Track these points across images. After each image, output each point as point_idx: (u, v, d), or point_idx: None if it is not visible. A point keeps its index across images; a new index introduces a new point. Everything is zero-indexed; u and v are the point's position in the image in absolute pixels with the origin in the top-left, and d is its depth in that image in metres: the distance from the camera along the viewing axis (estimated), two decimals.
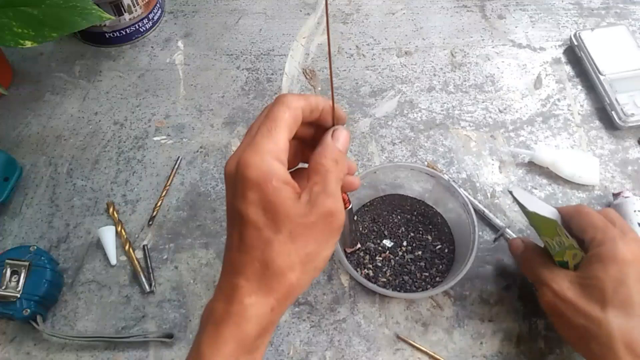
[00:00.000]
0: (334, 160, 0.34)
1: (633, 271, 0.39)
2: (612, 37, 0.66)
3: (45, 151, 0.60)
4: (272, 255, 0.31)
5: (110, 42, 0.69)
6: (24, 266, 0.47)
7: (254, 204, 0.31)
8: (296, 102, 0.34)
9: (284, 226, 0.31)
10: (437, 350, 0.48)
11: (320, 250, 0.33)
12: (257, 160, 0.31)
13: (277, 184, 0.31)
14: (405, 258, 0.51)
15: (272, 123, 0.33)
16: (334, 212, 0.32)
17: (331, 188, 0.33)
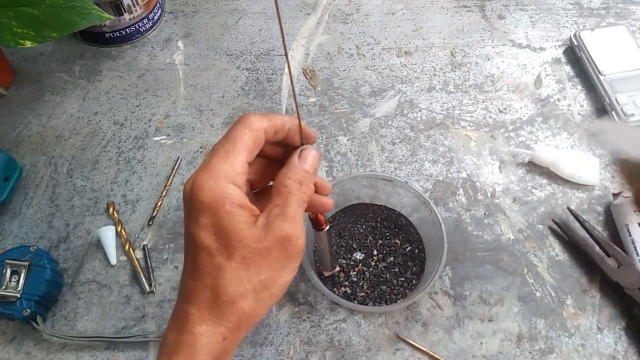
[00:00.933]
0: (297, 181, 0.33)
1: None
2: (612, 37, 0.66)
3: (45, 151, 0.60)
4: (223, 283, 0.30)
5: (110, 42, 0.69)
6: (24, 266, 0.47)
7: (206, 228, 0.30)
8: (258, 123, 0.33)
9: (237, 252, 0.30)
10: (437, 350, 0.48)
11: (276, 277, 0.31)
12: (211, 183, 0.30)
13: (230, 207, 0.30)
14: (378, 267, 0.51)
15: (230, 144, 0.32)
16: (291, 237, 0.31)
17: (290, 211, 0.31)
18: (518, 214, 0.55)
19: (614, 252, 0.50)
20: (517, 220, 0.55)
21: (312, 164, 0.34)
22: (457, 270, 0.52)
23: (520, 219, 0.55)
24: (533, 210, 0.56)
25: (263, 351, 0.48)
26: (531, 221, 0.55)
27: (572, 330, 0.49)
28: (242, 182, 0.32)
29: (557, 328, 0.49)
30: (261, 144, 0.33)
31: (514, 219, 0.55)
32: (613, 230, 0.54)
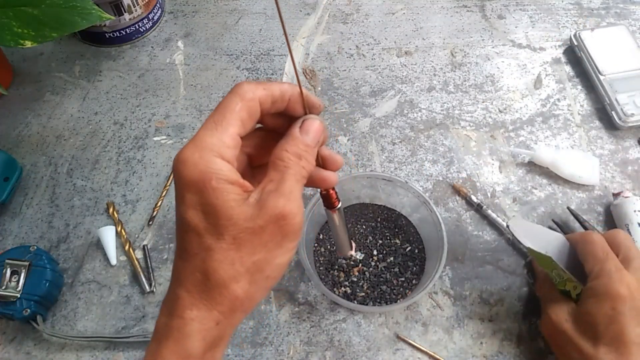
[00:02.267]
0: (296, 155, 0.30)
1: (627, 307, 0.38)
2: (612, 37, 0.66)
3: (45, 151, 0.60)
4: (213, 265, 0.28)
5: (110, 42, 0.69)
6: (24, 266, 0.47)
7: (192, 206, 0.28)
8: (252, 92, 0.29)
9: (227, 231, 0.27)
10: (437, 350, 0.48)
11: (271, 258, 0.29)
12: (196, 157, 0.27)
13: (217, 184, 0.27)
14: (378, 267, 0.51)
15: (220, 115, 0.29)
16: (286, 214, 0.28)
17: (286, 186, 0.29)
18: (518, 214, 0.55)
19: None
20: None
21: (314, 136, 0.31)
22: (457, 270, 0.52)
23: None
24: (533, 210, 0.56)
25: (263, 351, 0.48)
26: (531, 221, 0.55)
27: None
28: (232, 156, 0.29)
29: None
30: (256, 115, 0.30)
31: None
32: None
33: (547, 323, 0.42)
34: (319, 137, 0.31)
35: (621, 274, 0.39)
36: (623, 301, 0.38)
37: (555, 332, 0.41)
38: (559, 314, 0.41)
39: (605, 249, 0.42)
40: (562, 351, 0.41)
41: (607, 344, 0.37)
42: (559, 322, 0.41)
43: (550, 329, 0.42)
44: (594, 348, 0.38)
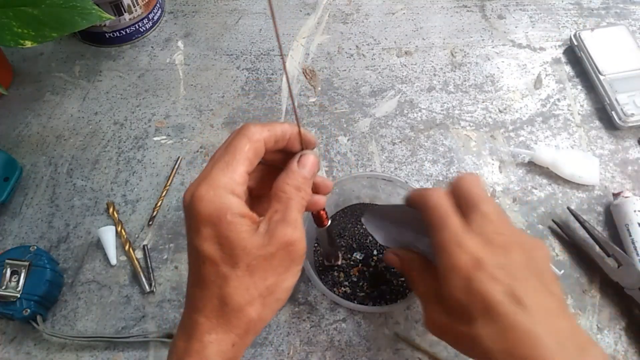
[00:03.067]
0: (296, 187, 0.33)
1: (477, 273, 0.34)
2: (612, 37, 0.66)
3: (45, 151, 0.60)
4: (229, 291, 0.31)
5: (110, 42, 0.69)
6: (24, 266, 0.47)
7: (209, 239, 0.31)
8: (259, 134, 0.33)
9: (241, 260, 0.31)
10: (437, 350, 0.48)
11: (280, 282, 0.32)
12: (211, 195, 0.31)
13: (231, 218, 0.30)
14: (378, 267, 0.51)
15: (230, 156, 0.32)
16: (294, 242, 0.32)
17: (291, 216, 0.32)
18: (518, 214, 0.55)
19: (614, 252, 0.50)
20: (517, 220, 0.55)
21: (310, 169, 0.35)
22: None
23: (520, 219, 0.55)
24: (533, 210, 0.56)
25: (263, 351, 0.48)
26: (531, 221, 0.55)
27: None
28: (242, 192, 0.32)
29: None
30: (261, 154, 0.34)
31: (514, 219, 0.55)
32: (613, 230, 0.54)
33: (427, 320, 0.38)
34: (314, 170, 0.35)
35: (458, 241, 0.35)
36: (469, 267, 0.35)
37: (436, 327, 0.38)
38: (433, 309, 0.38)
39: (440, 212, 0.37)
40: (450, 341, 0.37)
41: (480, 316, 0.34)
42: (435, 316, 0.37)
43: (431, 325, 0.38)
44: (471, 327, 0.34)
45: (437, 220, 0.37)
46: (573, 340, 0.33)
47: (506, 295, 0.34)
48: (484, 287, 0.34)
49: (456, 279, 0.35)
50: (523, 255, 0.36)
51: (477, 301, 0.34)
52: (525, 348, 0.32)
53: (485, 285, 0.34)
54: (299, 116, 0.63)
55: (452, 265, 0.35)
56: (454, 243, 0.36)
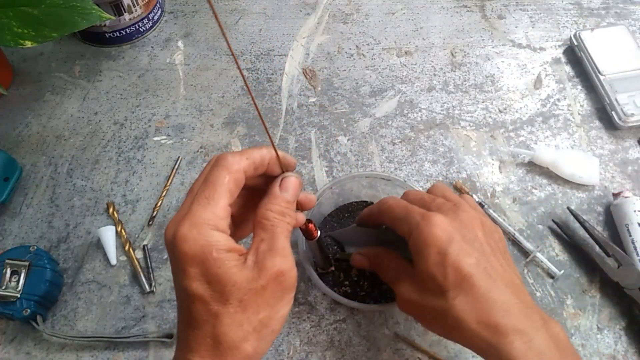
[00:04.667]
0: (280, 213, 0.33)
1: (449, 244, 0.36)
2: (612, 37, 0.66)
3: (45, 151, 0.60)
4: (223, 330, 0.30)
5: (110, 42, 0.69)
6: (24, 266, 0.47)
7: (196, 278, 0.30)
8: (237, 164, 0.32)
9: (232, 296, 0.30)
10: (437, 350, 0.48)
11: (274, 314, 0.31)
12: (195, 234, 0.30)
13: (217, 254, 0.30)
14: None
15: (210, 189, 0.31)
16: (284, 271, 0.31)
17: (279, 245, 0.31)
18: (518, 214, 0.55)
19: (614, 252, 0.50)
20: (517, 221, 0.55)
21: (293, 193, 0.34)
22: None
23: (520, 219, 0.55)
24: (533, 210, 0.56)
25: None
26: (531, 221, 0.55)
27: (572, 330, 0.49)
28: (225, 226, 0.31)
29: None
30: (241, 184, 0.33)
31: (514, 219, 0.55)
32: (613, 230, 0.54)
33: (399, 300, 0.39)
34: (297, 192, 0.35)
35: (427, 218, 0.37)
36: (443, 241, 0.36)
37: (408, 306, 0.39)
38: (403, 287, 0.38)
39: (401, 206, 0.40)
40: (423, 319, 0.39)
41: (452, 288, 0.35)
42: (406, 294, 0.38)
43: (403, 305, 0.39)
44: (442, 300, 0.35)
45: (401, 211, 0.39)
46: (536, 312, 0.35)
47: (478, 267, 0.35)
48: (458, 260, 0.35)
49: (431, 254, 0.36)
50: (485, 233, 0.38)
51: (451, 273, 0.35)
52: (497, 317, 0.34)
53: (459, 257, 0.35)
54: (298, 117, 0.63)
55: (426, 241, 0.36)
56: (423, 220, 0.37)
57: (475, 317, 0.34)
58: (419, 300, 0.37)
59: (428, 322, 0.39)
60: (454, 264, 0.35)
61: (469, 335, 0.35)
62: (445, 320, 0.35)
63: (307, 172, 0.58)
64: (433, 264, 0.36)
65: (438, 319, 0.36)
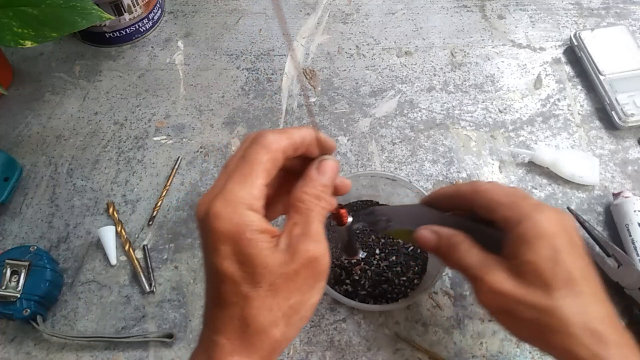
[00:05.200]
0: (315, 196, 0.32)
1: (563, 243, 0.34)
2: (612, 37, 0.66)
3: (45, 151, 0.60)
4: (252, 312, 0.29)
5: (110, 42, 0.69)
6: (24, 266, 0.47)
7: (228, 257, 0.29)
8: (277, 143, 0.31)
9: (264, 279, 0.29)
10: (437, 350, 0.48)
11: (305, 300, 0.30)
12: (229, 212, 0.29)
13: (251, 235, 0.29)
14: (380, 266, 0.51)
15: (247, 167, 0.30)
16: (317, 257, 0.30)
17: (313, 229, 0.30)
18: None
19: (614, 252, 0.50)
20: None
21: (330, 176, 0.33)
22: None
23: None
24: None
25: None
26: None
27: None
28: (260, 206, 0.30)
29: None
30: (279, 164, 0.32)
31: None
32: (613, 230, 0.54)
33: (486, 291, 0.35)
34: (334, 176, 0.33)
35: (542, 210, 0.35)
36: (557, 237, 0.34)
37: (498, 297, 0.35)
38: (496, 276, 0.35)
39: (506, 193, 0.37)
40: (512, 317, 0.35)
41: (559, 287, 0.33)
42: (499, 284, 0.34)
43: (490, 297, 0.35)
44: (547, 297, 0.33)
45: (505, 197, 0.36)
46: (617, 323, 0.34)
47: (586, 271, 0.34)
48: (570, 260, 0.34)
49: (543, 247, 0.34)
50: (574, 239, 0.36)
51: (561, 272, 0.33)
52: (602, 325, 0.32)
53: (571, 258, 0.34)
54: (298, 117, 0.63)
55: (540, 233, 0.34)
56: (540, 212, 0.35)
57: (583, 321, 0.32)
58: (515, 293, 0.34)
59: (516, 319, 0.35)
60: (565, 263, 0.33)
61: (570, 341, 0.32)
62: (545, 319, 0.33)
63: None
64: (544, 258, 0.33)
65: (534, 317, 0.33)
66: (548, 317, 0.33)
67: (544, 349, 0.35)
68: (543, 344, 0.34)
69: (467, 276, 0.37)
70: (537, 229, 0.34)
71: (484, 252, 0.37)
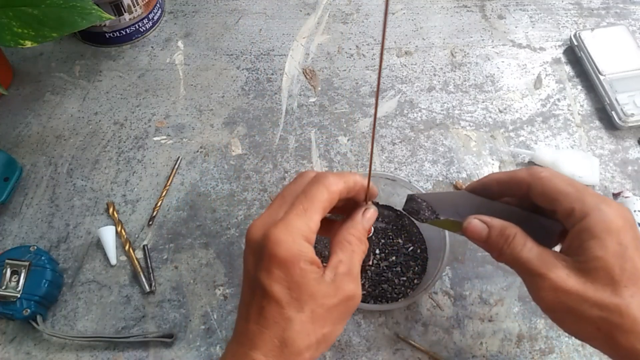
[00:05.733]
0: (359, 238, 0.35)
1: (630, 238, 0.33)
2: (612, 37, 0.66)
3: (45, 151, 0.60)
4: (292, 335, 0.31)
5: (110, 42, 0.69)
6: (24, 266, 0.47)
7: (279, 281, 0.31)
8: (335, 185, 0.34)
9: (307, 306, 0.32)
10: (437, 350, 0.48)
11: (334, 330, 0.34)
12: (289, 240, 0.32)
13: (304, 265, 0.32)
14: (380, 266, 0.51)
15: (309, 203, 0.33)
16: (354, 296, 0.34)
17: (355, 270, 0.34)
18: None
19: None
20: None
21: (369, 221, 0.37)
22: (457, 271, 0.52)
23: None
24: None
25: None
26: None
27: None
28: (314, 239, 0.33)
29: (557, 328, 0.49)
30: (334, 203, 0.35)
31: None
32: None
33: (547, 288, 0.33)
34: (373, 222, 0.38)
35: (610, 203, 0.34)
36: (624, 233, 0.33)
37: (561, 295, 0.33)
38: (558, 272, 0.33)
39: (570, 183, 0.36)
40: (575, 316, 0.33)
41: (628, 284, 0.32)
42: (562, 281, 0.33)
43: (552, 294, 0.33)
44: (615, 295, 0.32)
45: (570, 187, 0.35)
46: None
47: None
48: (634, 253, 0.33)
49: (612, 242, 0.32)
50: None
51: (630, 268, 0.32)
52: None
53: (635, 251, 0.33)
54: (298, 117, 0.63)
55: (609, 227, 0.33)
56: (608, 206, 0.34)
57: None
58: (581, 291, 0.32)
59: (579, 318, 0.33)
60: (634, 260, 0.32)
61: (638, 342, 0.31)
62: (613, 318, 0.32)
63: None
64: (612, 254, 0.32)
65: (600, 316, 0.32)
66: (616, 316, 0.32)
67: (608, 350, 0.34)
68: (608, 344, 0.33)
69: (521, 272, 0.36)
70: (605, 223, 0.33)
71: (540, 247, 0.35)
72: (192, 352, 0.48)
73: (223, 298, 0.50)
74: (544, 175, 0.36)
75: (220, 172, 0.58)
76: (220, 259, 0.53)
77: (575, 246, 0.34)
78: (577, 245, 0.34)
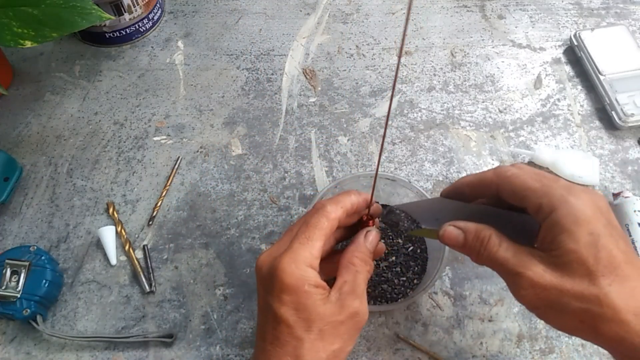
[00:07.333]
0: (363, 260, 0.38)
1: (601, 226, 0.32)
2: (612, 37, 0.66)
3: (45, 151, 0.60)
4: (303, 352, 0.34)
5: (110, 42, 0.69)
6: (24, 266, 0.47)
7: (287, 305, 0.35)
8: (334, 212, 0.38)
9: (315, 325, 0.34)
10: (437, 350, 0.48)
11: (344, 347, 0.36)
12: (293, 268, 0.35)
13: (308, 288, 0.35)
14: (380, 267, 0.51)
15: (310, 232, 0.36)
16: (360, 313, 0.36)
17: (360, 289, 0.36)
18: None
19: None
20: None
21: (372, 243, 0.40)
22: (457, 271, 0.52)
23: None
24: None
25: None
26: None
27: None
28: (317, 264, 0.36)
29: None
30: (334, 229, 0.38)
31: None
32: None
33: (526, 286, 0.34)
34: (376, 244, 0.40)
35: (576, 193, 0.33)
36: (595, 221, 0.33)
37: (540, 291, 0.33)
38: (535, 269, 0.33)
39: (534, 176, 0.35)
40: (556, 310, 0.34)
41: (605, 273, 0.32)
42: (540, 277, 0.33)
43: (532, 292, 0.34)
44: (593, 285, 0.32)
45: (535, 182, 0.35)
46: None
47: (628, 255, 0.33)
48: (607, 241, 0.32)
49: (583, 233, 0.32)
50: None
51: (604, 257, 0.32)
52: None
53: (612, 241, 0.32)
54: (298, 117, 0.63)
55: (578, 218, 0.32)
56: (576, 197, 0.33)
57: (633, 307, 0.31)
58: (559, 285, 0.32)
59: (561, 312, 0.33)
60: (607, 248, 0.32)
61: (623, 329, 0.31)
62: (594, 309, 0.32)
63: (307, 172, 0.58)
64: (584, 245, 0.32)
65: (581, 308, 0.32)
66: (596, 307, 0.32)
67: (593, 340, 0.34)
68: (592, 334, 0.33)
69: (500, 272, 0.36)
70: (573, 215, 0.33)
71: (515, 245, 0.35)
72: (192, 352, 0.48)
73: (223, 298, 0.50)
74: (510, 174, 0.36)
75: (220, 172, 0.58)
76: (220, 259, 0.53)
77: (548, 241, 0.34)
78: (549, 240, 0.34)
